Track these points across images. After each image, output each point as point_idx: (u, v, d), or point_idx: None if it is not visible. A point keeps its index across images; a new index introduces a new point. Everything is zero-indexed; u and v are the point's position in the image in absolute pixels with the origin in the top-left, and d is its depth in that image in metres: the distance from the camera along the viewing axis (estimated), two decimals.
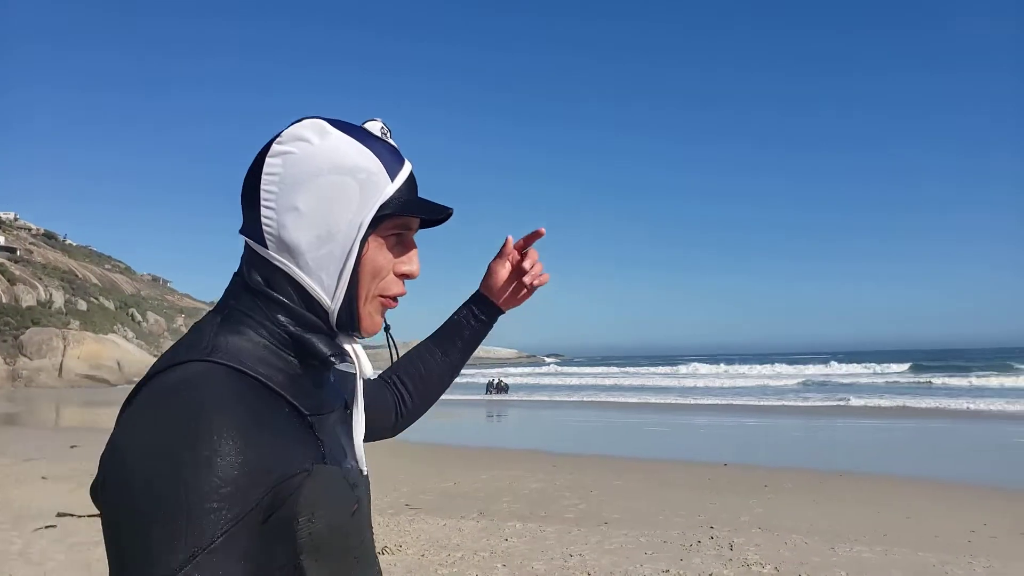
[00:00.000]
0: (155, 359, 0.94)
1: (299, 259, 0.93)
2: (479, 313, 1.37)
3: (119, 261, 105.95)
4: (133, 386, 0.89)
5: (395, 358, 1.32)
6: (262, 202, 0.93)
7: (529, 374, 60.20)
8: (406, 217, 0.97)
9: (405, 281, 1.00)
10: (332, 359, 0.95)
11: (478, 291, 1.38)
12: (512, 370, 69.97)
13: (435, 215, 0.99)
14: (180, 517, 0.76)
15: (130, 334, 74.74)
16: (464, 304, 1.39)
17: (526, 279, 1.35)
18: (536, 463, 12.35)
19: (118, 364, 57.83)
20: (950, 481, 10.60)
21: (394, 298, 1.00)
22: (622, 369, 64.84)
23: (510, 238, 1.35)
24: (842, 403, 26.35)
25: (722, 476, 10.99)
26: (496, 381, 37.76)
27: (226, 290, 0.98)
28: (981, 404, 23.87)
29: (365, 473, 1.02)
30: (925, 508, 8.66)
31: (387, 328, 1.07)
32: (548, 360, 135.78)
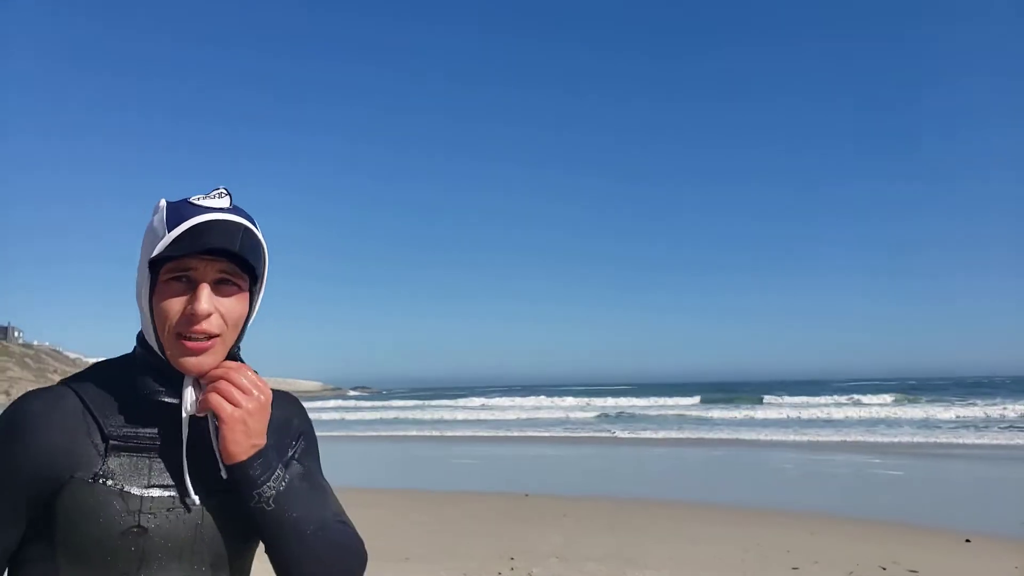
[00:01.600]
0: None
1: (140, 311, 1.18)
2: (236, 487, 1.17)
3: None
4: None
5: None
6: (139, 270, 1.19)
7: (334, 407, 58.56)
8: (183, 260, 1.12)
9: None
10: (148, 395, 1.14)
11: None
12: (315, 403, 67.86)
13: (182, 251, 1.11)
14: None
15: None
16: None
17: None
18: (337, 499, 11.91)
19: None
20: (726, 505, 11.43)
21: (190, 337, 1.13)
22: (429, 402, 64.76)
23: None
24: (634, 434, 27.78)
25: (523, 506, 11.17)
26: None
27: None
28: (763, 434, 26.08)
29: (190, 506, 1.13)
30: (708, 531, 9.25)
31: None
32: (353, 393, 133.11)
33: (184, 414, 1.14)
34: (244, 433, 1.13)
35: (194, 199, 1.15)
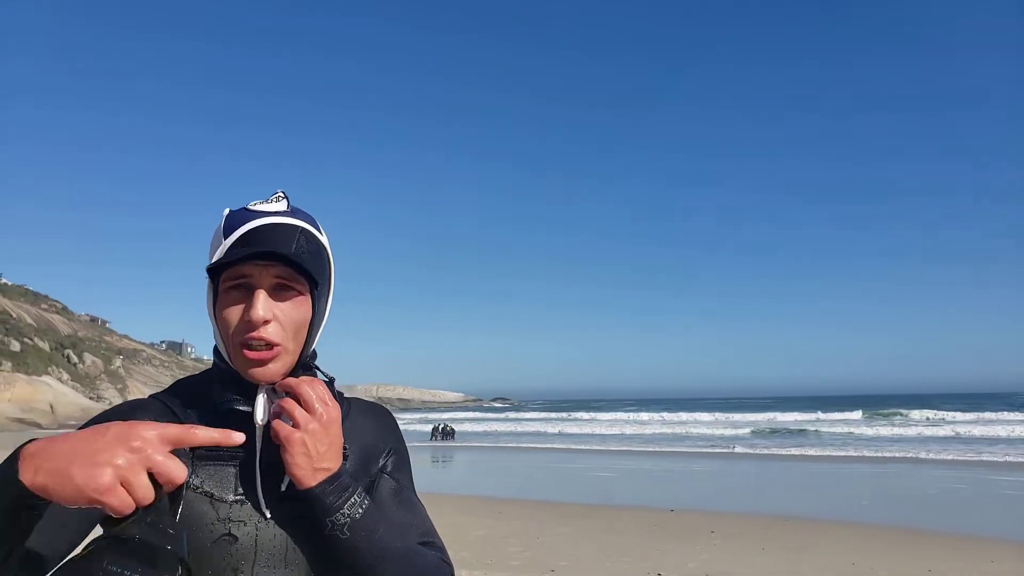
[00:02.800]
0: (91, 401, 1.10)
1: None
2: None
3: (56, 301, 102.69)
4: (67, 431, 0.96)
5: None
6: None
7: (476, 419, 59.66)
8: (238, 267, 1.10)
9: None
10: (222, 405, 1.14)
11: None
12: (459, 415, 69.40)
13: (234, 257, 1.09)
14: None
15: (65, 376, 72.05)
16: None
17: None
18: (481, 509, 12.10)
19: (51, 407, 55.61)
20: (892, 525, 10.67)
21: (250, 345, 1.10)
22: (570, 414, 64.73)
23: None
24: (788, 450, 26.58)
25: (669, 522, 10.89)
26: (442, 426, 37.29)
27: None
28: (931, 452, 24.34)
29: (268, 517, 1.11)
30: (869, 553, 8.66)
31: (331, 381, 1.20)
32: (496, 404, 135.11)
33: (257, 423, 1.11)
34: (305, 456, 1.05)
35: (252, 205, 1.15)
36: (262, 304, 1.09)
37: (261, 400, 1.12)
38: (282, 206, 1.16)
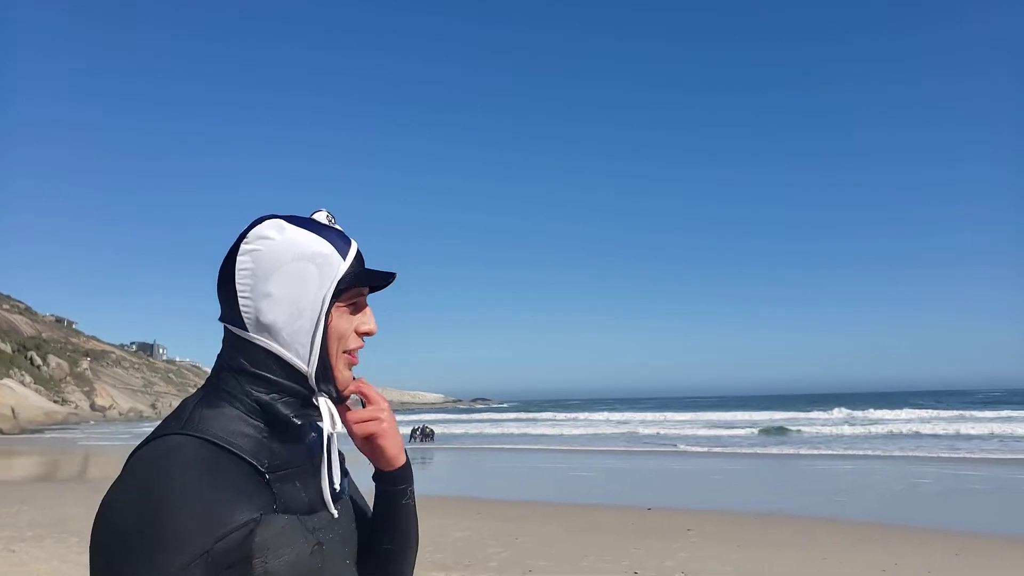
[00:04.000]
0: (55, 405, 1.10)
1: (277, 336, 1.14)
2: (381, 484, 1.30)
3: (19, 301, 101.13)
4: (29, 436, 1.04)
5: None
6: (239, 293, 1.14)
7: (456, 420, 59.67)
8: (359, 287, 1.19)
9: (365, 337, 1.22)
10: (294, 419, 1.15)
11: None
12: (438, 416, 69.29)
13: (381, 282, 1.22)
14: (139, 566, 0.98)
15: (28, 379, 70.88)
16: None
17: (356, 441, 1.29)
18: (461, 510, 12.20)
19: (12, 411, 54.23)
20: (862, 520, 10.93)
21: (355, 352, 1.20)
22: (549, 415, 64.93)
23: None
24: (767, 448, 26.92)
25: (646, 520, 11.07)
26: (421, 427, 37.22)
27: (211, 370, 1.20)
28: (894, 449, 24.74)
29: (336, 516, 1.19)
30: (840, 548, 8.89)
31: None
32: (476, 405, 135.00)
33: (330, 430, 1.19)
34: (396, 437, 1.27)
35: (322, 220, 1.20)
36: (373, 318, 1.23)
37: (329, 407, 1.19)
38: (339, 228, 1.22)
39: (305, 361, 1.15)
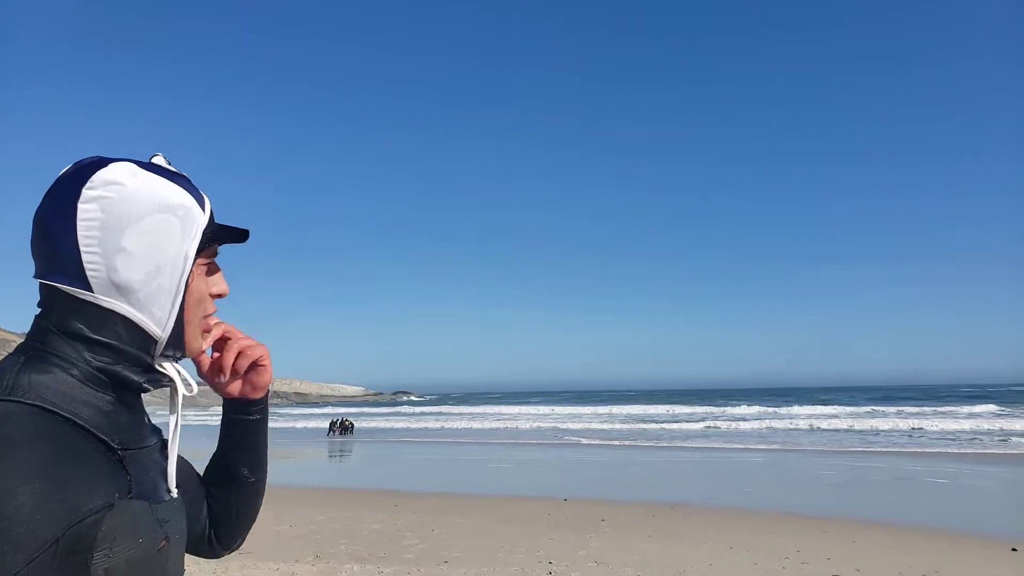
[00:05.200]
0: None
1: (130, 297, 0.97)
2: (247, 414, 1.24)
3: None
4: None
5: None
6: (82, 248, 0.94)
7: (376, 413, 59.16)
8: (216, 244, 1.07)
9: (217, 301, 1.10)
10: (145, 385, 1.00)
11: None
12: (358, 409, 68.55)
13: (239, 238, 1.09)
14: None
15: None
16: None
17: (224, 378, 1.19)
18: (378, 502, 12.11)
19: None
20: (769, 510, 11.33)
21: (209, 318, 1.09)
22: (469, 408, 65.03)
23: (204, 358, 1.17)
24: (680, 442, 27.58)
25: (561, 511, 11.21)
26: (340, 421, 36.69)
27: (30, 332, 0.99)
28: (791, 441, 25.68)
29: (176, 506, 1.04)
30: (746, 537, 9.20)
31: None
32: (397, 398, 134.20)
33: (185, 392, 1.07)
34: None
35: (163, 165, 1.03)
36: (224, 280, 1.10)
37: (179, 369, 1.07)
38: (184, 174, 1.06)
39: (160, 326, 0.99)
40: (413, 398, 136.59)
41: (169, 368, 1.04)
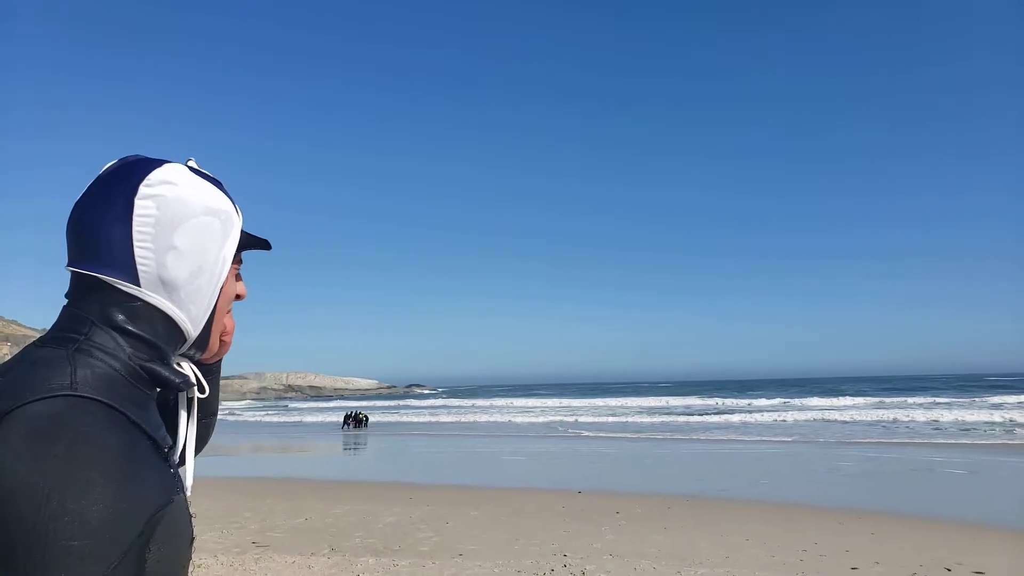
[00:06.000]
0: None
1: (173, 294, 1.00)
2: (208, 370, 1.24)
3: None
4: None
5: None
6: (136, 243, 0.97)
7: (390, 406, 59.37)
8: (248, 249, 1.12)
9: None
10: (181, 385, 1.01)
11: None
12: (372, 403, 68.81)
13: (265, 247, 1.15)
14: (67, 562, 0.78)
15: None
16: None
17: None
18: (392, 495, 12.12)
19: None
20: (786, 502, 11.25)
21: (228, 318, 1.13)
22: (484, 400, 65.12)
23: None
24: (692, 434, 27.48)
25: (576, 504, 11.17)
26: (354, 414, 36.84)
27: (63, 323, 0.98)
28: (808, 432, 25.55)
29: (189, 499, 1.05)
30: (762, 530, 9.13)
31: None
32: (411, 391, 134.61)
33: (199, 396, 1.12)
34: None
35: (205, 172, 1.08)
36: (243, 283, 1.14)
37: (194, 369, 1.10)
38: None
39: (196, 325, 1.04)
40: (426, 391, 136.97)
41: (187, 367, 1.08)
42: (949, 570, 7.18)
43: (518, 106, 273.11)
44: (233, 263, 1.09)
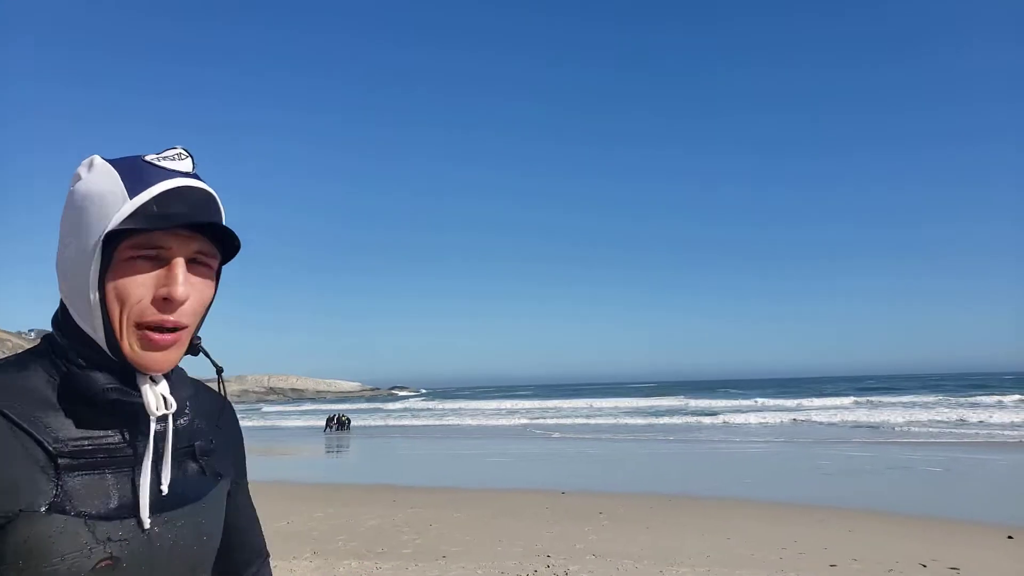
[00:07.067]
0: None
1: (64, 289, 0.96)
2: None
3: None
4: None
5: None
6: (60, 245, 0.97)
7: (373, 409, 59.18)
8: (153, 234, 0.91)
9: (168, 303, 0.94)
10: (97, 396, 0.92)
11: None
12: (355, 405, 68.54)
13: (162, 224, 0.91)
14: None
15: None
16: None
17: None
18: (375, 498, 12.11)
19: None
20: (767, 501, 11.36)
21: (157, 328, 0.93)
22: (465, 403, 65.04)
23: None
24: (674, 434, 27.61)
25: (559, 504, 11.22)
26: (336, 416, 36.70)
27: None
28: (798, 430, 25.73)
29: (148, 528, 0.94)
30: (744, 528, 9.22)
31: (219, 371, 1.09)
32: (394, 394, 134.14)
33: (154, 414, 0.96)
34: None
35: (150, 158, 0.95)
36: (185, 281, 0.93)
37: (150, 388, 0.96)
38: (188, 166, 0.97)
39: (87, 324, 0.94)
40: (409, 393, 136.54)
41: (146, 388, 0.96)
42: (925, 566, 7.29)
43: (490, 101, 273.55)
44: (133, 253, 0.92)
